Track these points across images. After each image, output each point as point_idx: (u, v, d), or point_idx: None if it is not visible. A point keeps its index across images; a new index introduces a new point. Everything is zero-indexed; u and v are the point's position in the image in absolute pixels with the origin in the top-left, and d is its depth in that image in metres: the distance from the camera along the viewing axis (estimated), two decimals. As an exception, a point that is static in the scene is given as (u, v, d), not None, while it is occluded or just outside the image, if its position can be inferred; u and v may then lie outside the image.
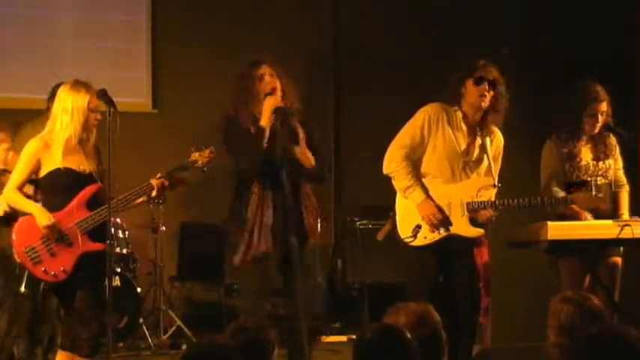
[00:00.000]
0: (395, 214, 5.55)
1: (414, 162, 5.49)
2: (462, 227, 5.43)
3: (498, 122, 5.57)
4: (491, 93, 5.44)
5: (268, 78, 5.49)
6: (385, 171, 5.55)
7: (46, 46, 8.37)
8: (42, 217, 5.19)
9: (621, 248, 5.91)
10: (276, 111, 5.40)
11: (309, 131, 5.58)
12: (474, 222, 5.44)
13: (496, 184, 5.48)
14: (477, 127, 5.52)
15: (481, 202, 5.42)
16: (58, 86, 6.39)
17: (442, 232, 5.42)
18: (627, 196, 6.01)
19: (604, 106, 5.90)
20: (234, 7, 8.68)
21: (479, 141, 5.53)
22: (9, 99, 8.16)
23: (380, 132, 5.72)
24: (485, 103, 5.45)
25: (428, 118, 5.49)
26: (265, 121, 5.40)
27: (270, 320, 5.15)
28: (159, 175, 5.38)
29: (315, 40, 8.84)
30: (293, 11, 8.71)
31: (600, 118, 5.90)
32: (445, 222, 5.41)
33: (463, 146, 5.50)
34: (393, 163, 5.51)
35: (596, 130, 5.92)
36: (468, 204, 5.42)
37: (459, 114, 5.50)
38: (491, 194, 5.46)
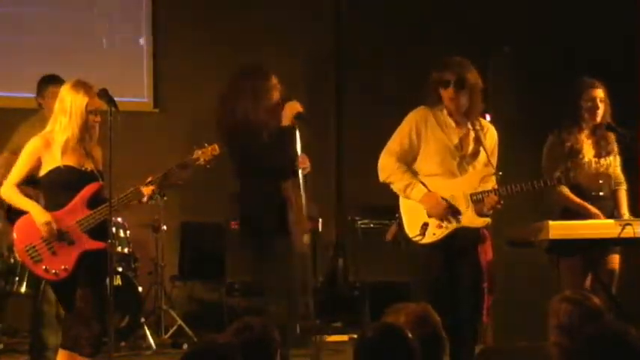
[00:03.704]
0: (400, 215, 5.57)
1: (408, 164, 5.54)
2: (468, 218, 5.44)
3: (480, 109, 5.58)
4: (460, 92, 5.44)
5: (279, 86, 5.72)
6: (381, 178, 5.57)
7: (47, 46, 8.37)
8: (39, 215, 5.19)
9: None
10: (298, 115, 5.63)
11: None
12: (479, 212, 5.47)
13: (496, 172, 5.50)
14: (466, 121, 5.54)
15: (484, 191, 5.44)
16: (42, 81, 6.42)
17: (450, 225, 5.43)
18: (625, 194, 6.03)
19: (600, 93, 5.92)
20: (235, 7, 8.69)
21: (472, 134, 5.54)
22: (9, 99, 8.17)
23: (381, 132, 5.72)
24: (457, 105, 5.47)
25: (415, 123, 5.52)
26: (287, 123, 5.62)
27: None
28: (150, 178, 5.37)
29: (317, 40, 8.85)
30: (294, 12, 8.72)
31: (601, 106, 5.91)
32: (452, 210, 5.43)
33: (455, 141, 5.51)
34: (387, 168, 5.54)
35: (599, 119, 5.93)
36: (471, 195, 5.44)
37: (445, 111, 5.52)
38: (493, 183, 5.49)
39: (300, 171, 5.60)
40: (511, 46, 8.29)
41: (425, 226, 5.45)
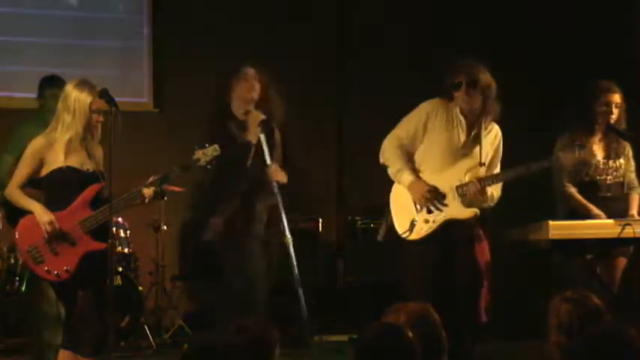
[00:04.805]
0: (390, 212, 5.60)
1: (409, 153, 5.56)
2: (455, 210, 5.47)
3: (494, 114, 5.57)
4: (473, 93, 5.44)
5: (257, 79, 5.95)
6: (381, 160, 5.65)
7: (47, 45, 8.37)
8: (42, 214, 5.20)
9: (631, 248, 5.92)
10: (261, 124, 5.83)
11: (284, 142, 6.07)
12: (466, 204, 5.48)
13: (482, 162, 5.50)
14: (478, 122, 5.54)
15: (469, 182, 5.45)
16: (42, 82, 6.41)
17: (437, 219, 5.45)
18: (638, 197, 6.02)
19: (616, 98, 5.92)
20: (235, 6, 8.69)
21: (474, 134, 5.55)
22: (9, 99, 8.17)
23: (382, 132, 5.74)
24: (471, 106, 5.47)
25: (426, 114, 5.54)
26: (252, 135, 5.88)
27: None
28: (151, 179, 5.37)
29: (318, 39, 8.84)
30: (295, 11, 8.71)
31: (615, 111, 5.91)
32: (438, 198, 5.45)
33: (461, 140, 5.52)
34: (386, 151, 5.61)
35: (612, 122, 5.93)
36: (457, 187, 5.46)
37: (458, 109, 5.53)
38: (478, 173, 5.49)
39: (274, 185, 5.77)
40: (512, 47, 8.31)
41: (413, 222, 5.49)
